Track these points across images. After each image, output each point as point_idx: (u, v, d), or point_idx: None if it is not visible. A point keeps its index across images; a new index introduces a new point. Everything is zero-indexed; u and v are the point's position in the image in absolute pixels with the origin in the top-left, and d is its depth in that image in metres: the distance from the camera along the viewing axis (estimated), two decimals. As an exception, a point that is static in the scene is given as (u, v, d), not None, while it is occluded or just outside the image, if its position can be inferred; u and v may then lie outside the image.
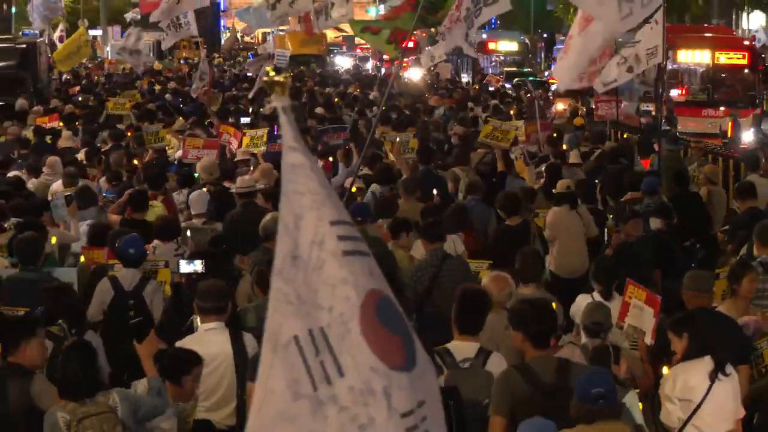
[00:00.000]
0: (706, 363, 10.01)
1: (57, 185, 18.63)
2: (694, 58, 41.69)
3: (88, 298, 13.28)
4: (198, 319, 11.09)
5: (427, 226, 14.37)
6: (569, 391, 8.93)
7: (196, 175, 19.45)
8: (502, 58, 74.70)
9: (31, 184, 19.64)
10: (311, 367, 4.54)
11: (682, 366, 10.23)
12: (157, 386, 9.73)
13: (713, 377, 9.93)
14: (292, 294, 4.57)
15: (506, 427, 9.23)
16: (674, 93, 40.29)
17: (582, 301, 12.35)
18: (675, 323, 10.60)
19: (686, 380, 10.09)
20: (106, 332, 12.52)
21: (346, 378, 4.54)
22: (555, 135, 26.40)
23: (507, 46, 75.14)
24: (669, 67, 38.93)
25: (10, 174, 20.15)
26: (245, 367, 10.51)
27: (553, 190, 17.40)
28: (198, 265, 12.62)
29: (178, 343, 10.55)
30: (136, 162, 21.95)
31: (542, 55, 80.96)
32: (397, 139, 23.20)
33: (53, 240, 14.93)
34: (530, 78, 59.56)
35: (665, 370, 10.57)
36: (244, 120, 29.47)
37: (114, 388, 9.78)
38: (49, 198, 17.20)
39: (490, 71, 70.27)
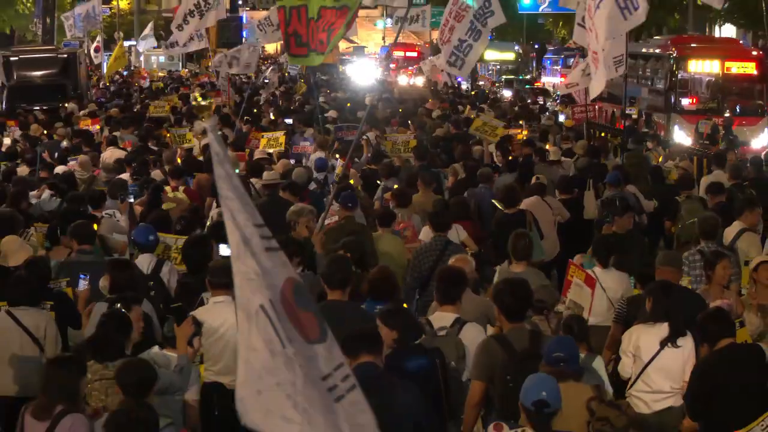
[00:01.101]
0: (662, 329, 10.17)
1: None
2: (704, 68, 39.83)
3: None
4: (209, 295, 11.19)
5: (433, 216, 14.45)
6: (540, 357, 9.07)
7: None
8: (498, 66, 74.64)
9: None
10: (278, 329, 4.90)
11: (642, 327, 10.42)
12: (183, 364, 9.80)
13: (664, 344, 10.09)
14: (251, 272, 4.92)
15: (484, 390, 9.40)
16: (685, 102, 38.89)
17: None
18: (647, 288, 10.94)
19: (639, 339, 10.28)
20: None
21: (291, 346, 4.94)
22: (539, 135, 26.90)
23: (503, 55, 75.16)
24: (679, 76, 39.23)
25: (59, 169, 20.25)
26: None
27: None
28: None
29: (191, 314, 10.59)
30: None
31: (534, 63, 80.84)
32: (400, 139, 23.48)
33: (95, 226, 14.99)
34: (527, 86, 59.47)
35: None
36: (288, 120, 29.83)
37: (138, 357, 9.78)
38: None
39: (490, 77, 70.41)
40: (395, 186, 17.63)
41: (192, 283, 12.13)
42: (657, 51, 43.70)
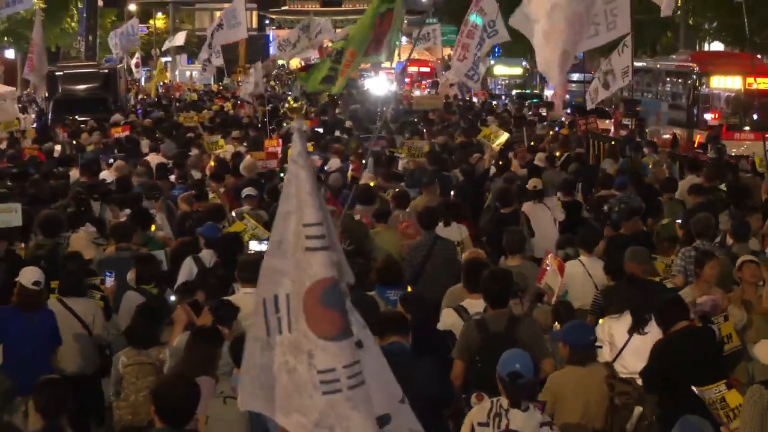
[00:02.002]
0: (627, 319, 10.43)
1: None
2: (726, 83, 38.11)
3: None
4: (239, 286, 11.35)
5: (420, 215, 14.54)
6: (515, 340, 9.32)
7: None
8: (507, 81, 74.67)
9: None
10: (268, 320, 5.13)
11: (610, 318, 10.71)
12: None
13: (632, 332, 10.33)
14: (276, 268, 5.12)
15: (464, 368, 9.62)
16: (707, 117, 37.21)
17: (570, 268, 12.70)
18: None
19: (611, 329, 10.52)
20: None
21: (290, 334, 5.09)
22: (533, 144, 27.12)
23: (512, 70, 75.22)
24: (702, 92, 37.59)
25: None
26: None
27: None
28: (265, 245, 13.00)
29: (226, 299, 10.74)
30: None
31: (538, 78, 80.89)
32: (415, 145, 23.78)
33: (152, 228, 15.23)
34: (535, 101, 59.34)
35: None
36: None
37: (169, 345, 9.93)
38: None
39: (497, 92, 70.35)
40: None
41: (227, 275, 12.28)
42: (678, 67, 42.11)
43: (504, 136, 22.85)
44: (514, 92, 66.87)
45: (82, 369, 11.21)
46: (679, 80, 41.19)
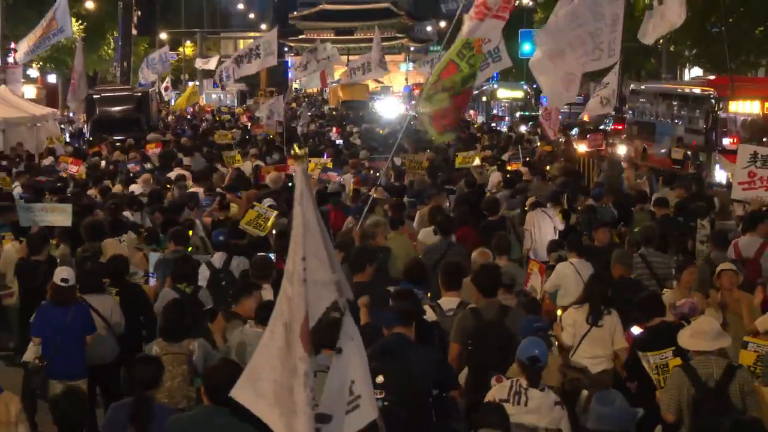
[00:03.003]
0: (585, 309, 10.79)
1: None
2: (744, 108, 35.33)
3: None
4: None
5: (439, 224, 14.95)
6: (505, 327, 9.74)
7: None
8: (509, 103, 74.65)
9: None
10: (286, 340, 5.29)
11: (574, 308, 11.05)
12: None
13: (588, 321, 10.67)
14: (289, 293, 5.28)
15: (460, 351, 9.92)
16: (726, 141, 34.17)
17: (562, 269, 13.19)
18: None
19: (572, 317, 10.85)
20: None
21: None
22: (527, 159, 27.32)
23: (514, 93, 75.30)
24: (720, 116, 35.44)
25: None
26: None
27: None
28: None
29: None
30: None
31: (533, 100, 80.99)
32: (416, 159, 24.13)
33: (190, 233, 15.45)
34: (531, 122, 59.33)
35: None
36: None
37: (198, 339, 9.99)
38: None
39: (500, 113, 70.38)
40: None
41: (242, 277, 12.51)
42: (695, 91, 39.28)
43: (476, 154, 23.30)
44: (517, 114, 66.82)
45: (102, 359, 11.48)
46: (696, 104, 38.80)
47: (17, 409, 8.22)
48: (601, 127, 45.61)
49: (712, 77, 42.72)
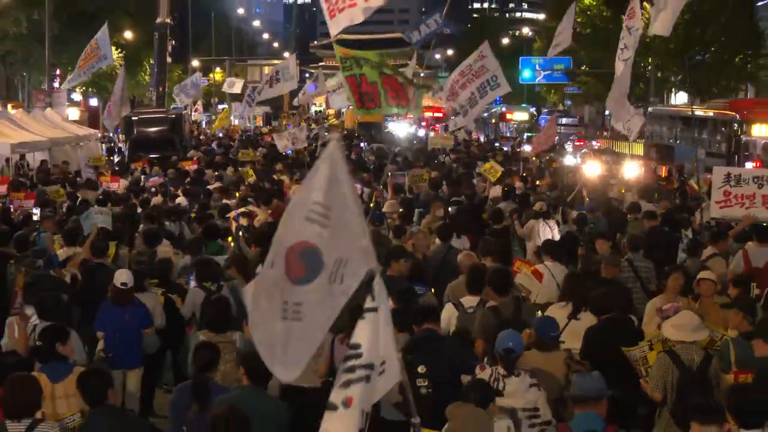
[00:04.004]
0: (568, 308, 10.98)
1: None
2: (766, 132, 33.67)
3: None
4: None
5: (438, 229, 15.43)
6: (521, 322, 9.96)
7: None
8: (516, 125, 74.74)
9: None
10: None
11: (555, 306, 11.26)
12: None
13: (569, 317, 10.84)
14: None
15: (484, 344, 10.11)
16: (748, 165, 31.56)
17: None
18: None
19: (552, 314, 10.85)
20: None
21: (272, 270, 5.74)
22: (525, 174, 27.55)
23: (520, 116, 75.48)
24: (743, 139, 33.96)
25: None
26: None
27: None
28: None
29: None
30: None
31: (534, 121, 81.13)
32: (417, 173, 24.66)
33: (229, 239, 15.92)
34: None
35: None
36: None
37: (238, 330, 10.27)
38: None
39: (508, 134, 70.57)
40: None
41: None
42: (716, 115, 37.54)
43: (500, 171, 23.38)
44: (525, 135, 66.91)
45: (146, 350, 11.78)
46: (718, 127, 37.00)
47: None
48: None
49: (731, 100, 41.60)
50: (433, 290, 12.15)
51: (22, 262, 13.36)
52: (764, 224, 14.78)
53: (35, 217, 17.44)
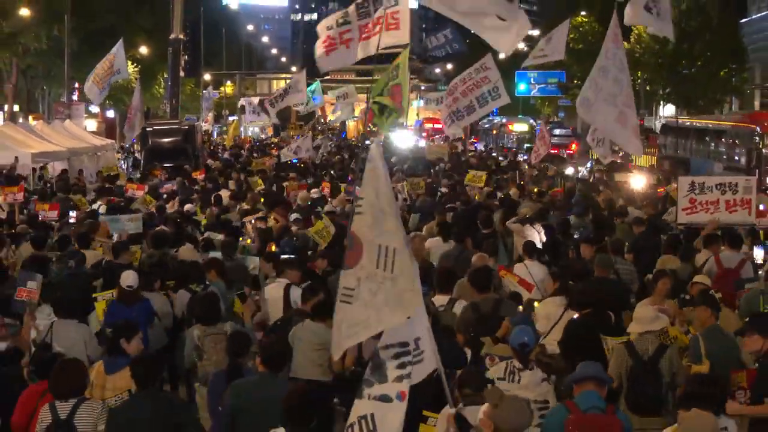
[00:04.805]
0: (561, 301, 11.17)
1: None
2: None
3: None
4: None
5: (454, 234, 15.76)
6: (500, 317, 10.31)
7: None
8: (517, 135, 74.61)
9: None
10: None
11: (547, 300, 11.48)
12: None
13: (564, 309, 11.01)
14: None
15: (465, 338, 10.34)
16: None
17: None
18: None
19: (547, 307, 11.24)
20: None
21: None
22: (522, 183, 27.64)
23: (520, 127, 75.51)
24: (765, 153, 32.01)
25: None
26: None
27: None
28: None
29: None
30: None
31: (533, 132, 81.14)
32: (414, 181, 25.01)
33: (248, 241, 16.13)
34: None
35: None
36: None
37: (229, 321, 10.76)
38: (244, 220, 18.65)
39: (509, 145, 70.61)
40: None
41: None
42: (734, 127, 35.25)
43: (483, 176, 23.75)
44: (525, 146, 66.87)
45: (153, 346, 11.71)
46: (737, 140, 34.50)
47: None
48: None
49: (751, 112, 39.63)
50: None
51: (60, 261, 13.85)
52: (735, 229, 15.03)
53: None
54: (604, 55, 15.16)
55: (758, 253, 14.84)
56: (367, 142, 13.87)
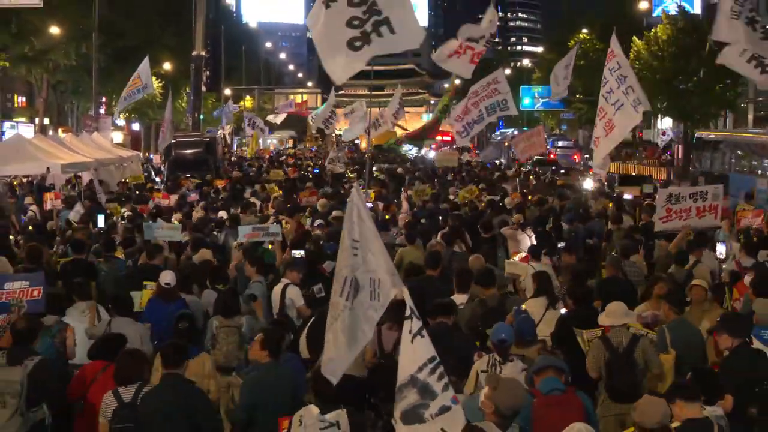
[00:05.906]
0: (543, 300, 11.29)
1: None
2: None
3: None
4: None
5: (443, 236, 16.10)
6: (505, 311, 10.59)
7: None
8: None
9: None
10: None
11: (529, 300, 11.52)
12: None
13: (546, 308, 11.17)
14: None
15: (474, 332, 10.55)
16: None
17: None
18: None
19: (529, 307, 11.17)
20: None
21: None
22: (525, 191, 27.77)
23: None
24: None
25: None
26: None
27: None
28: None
29: None
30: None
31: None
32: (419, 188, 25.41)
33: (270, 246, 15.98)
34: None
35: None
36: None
37: (245, 315, 11.11)
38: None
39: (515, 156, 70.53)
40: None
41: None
42: None
43: (475, 190, 24.05)
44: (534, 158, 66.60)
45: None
46: None
47: (210, 366, 9.70)
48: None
49: None
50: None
51: (107, 261, 14.47)
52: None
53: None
54: (606, 77, 15.42)
55: (721, 249, 15.50)
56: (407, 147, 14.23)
